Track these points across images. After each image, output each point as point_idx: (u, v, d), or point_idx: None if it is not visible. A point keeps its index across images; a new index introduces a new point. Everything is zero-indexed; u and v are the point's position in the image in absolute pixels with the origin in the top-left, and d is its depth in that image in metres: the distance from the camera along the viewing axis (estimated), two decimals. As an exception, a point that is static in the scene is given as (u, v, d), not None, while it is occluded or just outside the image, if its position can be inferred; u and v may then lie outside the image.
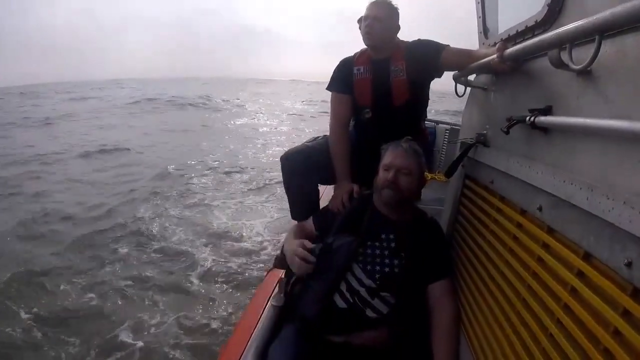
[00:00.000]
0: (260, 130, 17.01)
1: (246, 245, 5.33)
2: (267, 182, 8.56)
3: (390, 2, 2.07)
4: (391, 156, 1.75)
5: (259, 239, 5.54)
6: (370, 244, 1.69)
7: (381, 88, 2.13)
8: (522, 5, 1.66)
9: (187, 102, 25.43)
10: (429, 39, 2.11)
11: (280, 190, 7.23)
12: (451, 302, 1.68)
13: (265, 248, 5.20)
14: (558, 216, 1.09)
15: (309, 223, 2.00)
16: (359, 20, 2.11)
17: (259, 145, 13.13)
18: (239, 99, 31.73)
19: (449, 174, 2.02)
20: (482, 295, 1.54)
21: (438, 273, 1.71)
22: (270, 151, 12.04)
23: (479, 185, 1.79)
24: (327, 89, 2.27)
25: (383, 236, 1.71)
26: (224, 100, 28.94)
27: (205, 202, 7.17)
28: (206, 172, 9.24)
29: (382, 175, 1.74)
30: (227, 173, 9.24)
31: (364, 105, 2.20)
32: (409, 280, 1.66)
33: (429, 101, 2.39)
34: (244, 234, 5.74)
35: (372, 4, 2.06)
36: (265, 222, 6.24)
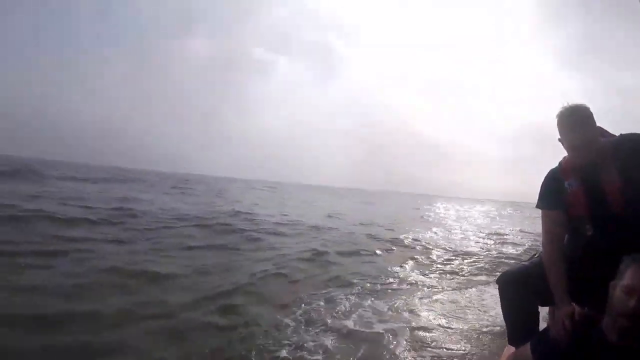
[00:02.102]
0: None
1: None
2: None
3: (584, 111, 1.87)
4: (637, 278, 1.41)
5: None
6: None
7: (596, 198, 1.91)
8: None
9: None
10: (633, 132, 1.89)
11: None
12: None
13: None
14: None
15: (526, 350, 1.80)
16: (558, 126, 1.94)
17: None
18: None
19: None
20: None
21: None
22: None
23: None
24: (537, 207, 2.13)
25: None
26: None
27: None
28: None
29: (622, 298, 1.42)
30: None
31: (580, 220, 1.98)
32: None
33: None
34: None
35: (571, 128, 1.88)
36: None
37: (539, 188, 2.13)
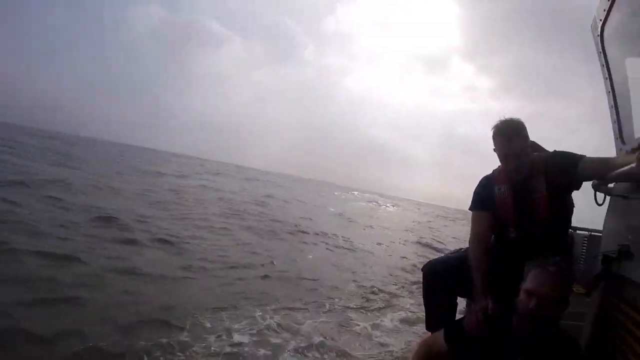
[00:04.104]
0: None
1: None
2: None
3: (518, 124, 2.01)
4: (535, 281, 1.56)
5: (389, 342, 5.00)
6: None
7: (523, 206, 2.08)
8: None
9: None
10: (564, 151, 2.06)
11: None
12: None
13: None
14: None
15: (440, 337, 1.93)
16: (494, 137, 2.08)
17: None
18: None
19: (590, 289, 1.84)
20: None
21: None
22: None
23: (623, 301, 1.60)
24: (469, 209, 2.26)
25: None
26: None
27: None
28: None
29: (524, 300, 1.57)
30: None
31: (507, 224, 2.15)
32: None
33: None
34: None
35: (505, 139, 2.00)
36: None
37: (473, 192, 2.28)
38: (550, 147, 2.18)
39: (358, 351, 4.50)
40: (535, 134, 2.11)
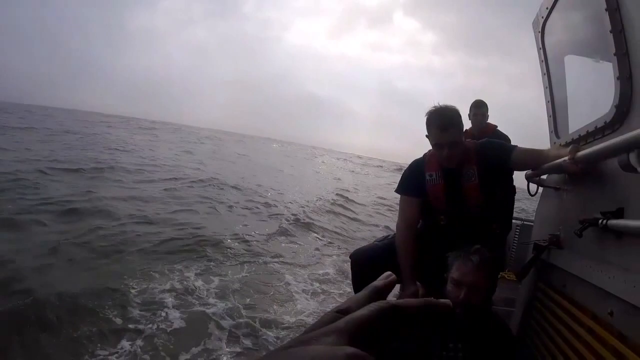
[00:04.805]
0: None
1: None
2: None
3: (453, 112, 1.98)
4: (460, 271, 1.59)
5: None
6: (437, 354, 1.59)
7: (454, 194, 2.07)
8: (591, 105, 1.66)
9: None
10: (497, 140, 2.08)
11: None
12: None
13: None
14: (629, 322, 1.00)
15: None
16: (428, 125, 2.06)
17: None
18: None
19: (521, 276, 1.90)
20: None
21: None
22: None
23: (552, 288, 1.67)
24: (396, 191, 2.25)
25: (451, 345, 1.60)
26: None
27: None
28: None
29: (452, 290, 1.59)
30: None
31: (438, 211, 2.14)
32: None
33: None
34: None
35: (439, 128, 1.96)
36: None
37: (402, 175, 2.27)
38: (496, 100, 2.15)
39: (276, 314, 4.38)
40: (481, 88, 2.09)
